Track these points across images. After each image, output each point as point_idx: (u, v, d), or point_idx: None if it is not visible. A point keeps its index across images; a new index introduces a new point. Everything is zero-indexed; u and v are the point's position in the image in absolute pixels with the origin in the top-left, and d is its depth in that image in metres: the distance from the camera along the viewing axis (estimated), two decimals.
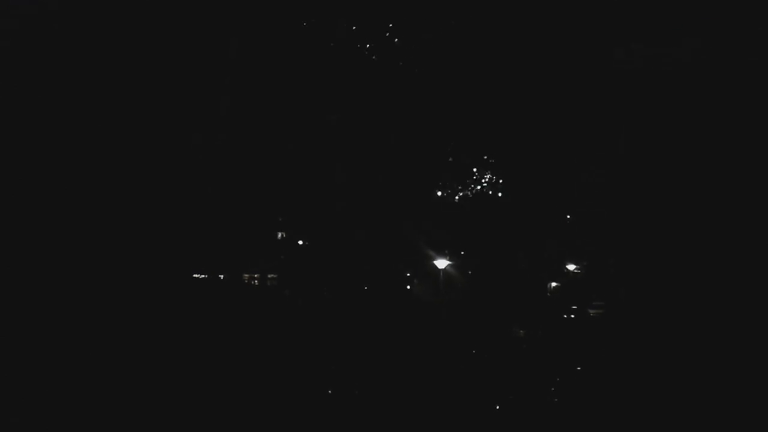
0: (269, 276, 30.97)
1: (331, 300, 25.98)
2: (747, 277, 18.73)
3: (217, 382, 14.78)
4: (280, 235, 31.74)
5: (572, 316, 29.17)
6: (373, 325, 24.05)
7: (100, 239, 19.25)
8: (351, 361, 17.65)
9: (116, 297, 18.45)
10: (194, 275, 26.14)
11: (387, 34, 25.75)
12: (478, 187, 30.57)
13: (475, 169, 30.76)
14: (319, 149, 27.52)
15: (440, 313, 26.19)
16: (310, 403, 15.07)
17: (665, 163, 21.88)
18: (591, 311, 29.01)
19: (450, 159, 29.94)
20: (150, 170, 21.39)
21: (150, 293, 20.27)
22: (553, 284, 35.59)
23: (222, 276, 27.30)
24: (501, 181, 30.55)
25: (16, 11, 17.93)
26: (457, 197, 30.90)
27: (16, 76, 17.86)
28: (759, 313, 17.07)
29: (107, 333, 16.37)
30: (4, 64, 17.59)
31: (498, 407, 14.03)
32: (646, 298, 23.90)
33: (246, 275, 30.22)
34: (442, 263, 26.61)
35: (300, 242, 31.15)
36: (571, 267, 34.96)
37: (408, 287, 31.04)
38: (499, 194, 30.68)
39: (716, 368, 15.95)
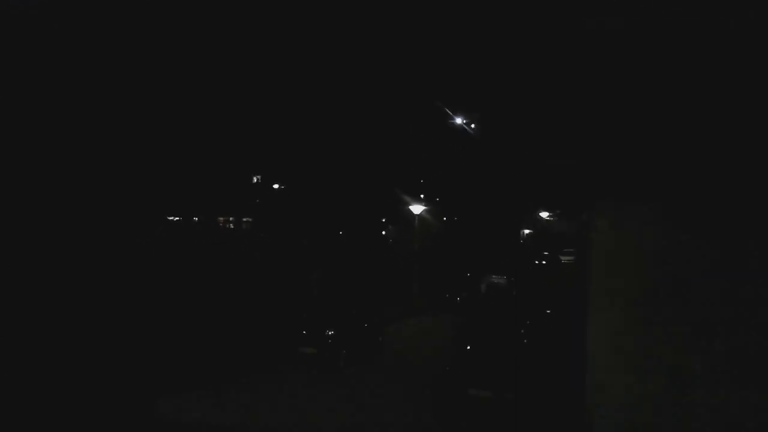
0: (244, 219, 30.94)
1: (308, 246, 26.00)
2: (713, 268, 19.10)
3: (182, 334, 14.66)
4: (255, 179, 31.58)
5: (543, 262, 29.72)
6: (347, 271, 24.22)
7: (68, 179, 19.05)
8: (326, 309, 17.73)
9: (88, 239, 18.29)
10: (168, 217, 26.00)
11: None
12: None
13: None
14: (295, 99, 27.15)
15: (414, 260, 26.42)
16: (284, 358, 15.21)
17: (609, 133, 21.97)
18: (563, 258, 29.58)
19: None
20: (124, 114, 21.28)
21: (122, 234, 20.11)
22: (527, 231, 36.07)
23: (196, 218, 27.21)
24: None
25: (16, 11, 17.63)
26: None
27: (16, 76, 17.69)
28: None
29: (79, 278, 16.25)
30: (4, 64, 17.35)
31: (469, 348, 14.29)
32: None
33: (221, 218, 30.16)
34: (417, 208, 26.71)
35: (275, 186, 31.05)
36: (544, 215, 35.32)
37: (383, 233, 31.20)
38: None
39: None
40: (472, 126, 29.90)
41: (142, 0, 20.31)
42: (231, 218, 30.95)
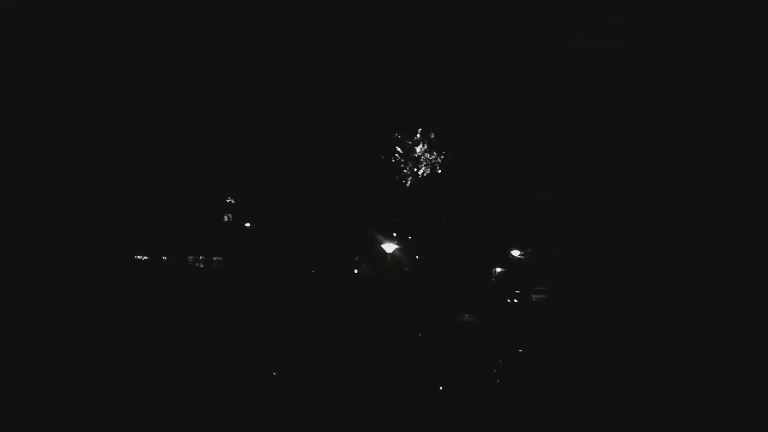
0: (215, 258, 30.58)
1: (278, 283, 25.81)
2: (689, 263, 19.41)
3: (161, 365, 14.56)
4: (226, 217, 31.35)
5: (515, 300, 29.79)
6: (320, 308, 24.03)
7: (38, 220, 18.79)
8: (298, 343, 17.62)
9: (55, 276, 17.97)
10: (136, 256, 25.61)
11: None
12: (428, 171, 30.72)
13: (423, 149, 30.85)
14: (266, 131, 27.23)
15: (387, 297, 26.32)
16: (258, 386, 15.00)
17: (615, 154, 22.38)
18: (534, 296, 29.70)
19: (397, 136, 29.91)
20: (94, 151, 21.19)
21: (90, 273, 19.78)
22: (498, 270, 36.26)
23: (165, 258, 26.84)
24: (446, 161, 30.69)
25: (16, 11, 17.69)
26: (405, 181, 31.02)
27: (16, 76, 17.65)
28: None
29: (47, 317, 15.93)
30: (4, 64, 17.33)
31: (441, 388, 14.23)
32: (586, 284, 24.60)
33: (191, 257, 29.78)
34: (389, 247, 26.71)
35: (247, 225, 30.84)
36: (515, 253, 35.66)
37: (356, 270, 31.10)
38: (440, 171, 30.76)
39: (653, 351, 16.55)
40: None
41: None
42: (201, 257, 30.59)
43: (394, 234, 29.47)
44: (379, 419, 12.72)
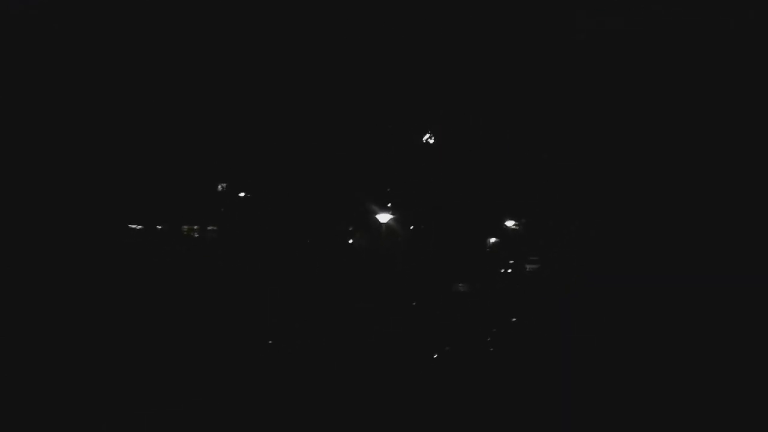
0: (209, 228, 30.52)
1: (273, 253, 25.83)
2: (679, 239, 19.54)
3: (153, 340, 14.57)
4: (220, 186, 31.21)
5: (509, 270, 29.98)
6: (314, 278, 24.10)
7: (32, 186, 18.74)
8: (291, 315, 17.70)
9: (51, 246, 17.94)
10: (130, 225, 25.54)
11: None
12: (423, 139, 30.63)
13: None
14: (262, 103, 27.05)
15: (381, 267, 26.43)
16: (252, 355, 15.10)
17: (615, 154, 22.35)
18: (528, 266, 29.90)
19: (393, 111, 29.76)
20: (90, 120, 21.14)
21: (84, 243, 19.75)
22: (492, 240, 36.38)
23: (159, 227, 26.77)
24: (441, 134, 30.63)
25: (16, 11, 17.47)
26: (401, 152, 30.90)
27: (16, 76, 17.53)
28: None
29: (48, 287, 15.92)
30: (4, 64, 17.19)
31: (435, 356, 14.39)
32: (580, 254, 24.77)
33: (185, 227, 29.71)
34: (384, 217, 26.73)
35: (241, 194, 30.73)
36: (509, 223, 35.75)
37: (350, 241, 31.13)
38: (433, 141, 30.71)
39: (642, 323, 16.72)
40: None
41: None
42: (196, 227, 30.52)
43: (389, 204, 29.46)
44: (374, 387, 12.88)
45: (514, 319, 19.03)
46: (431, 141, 30.53)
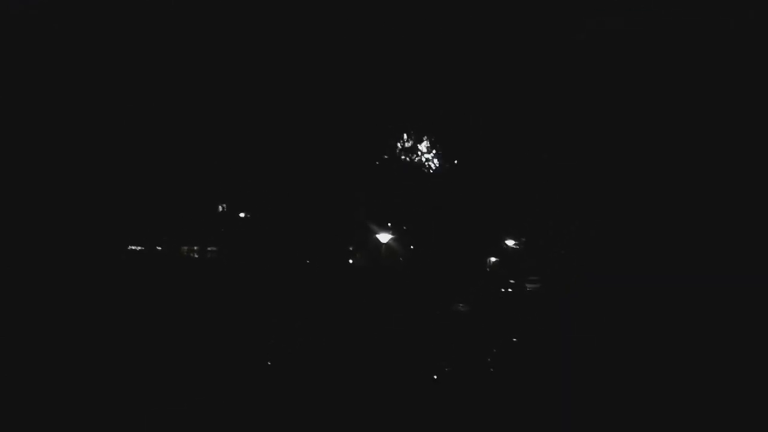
0: (209, 248, 30.53)
1: (272, 273, 25.79)
2: (681, 255, 19.46)
3: (156, 357, 14.54)
4: (220, 207, 31.26)
5: (510, 290, 29.86)
6: (313, 297, 24.02)
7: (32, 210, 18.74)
8: (292, 332, 17.63)
9: (50, 269, 17.91)
10: (130, 247, 25.54)
11: None
12: (422, 159, 30.67)
13: (417, 144, 30.83)
14: (259, 122, 27.15)
15: (381, 287, 26.33)
16: (250, 375, 14.98)
17: (615, 154, 22.34)
18: (528, 285, 29.77)
19: (390, 129, 29.86)
20: (88, 143, 21.21)
21: (85, 265, 19.73)
22: (493, 259, 36.31)
23: (159, 248, 26.77)
24: (441, 153, 30.72)
25: (16, 11, 17.62)
26: (401, 172, 30.96)
27: (16, 76, 17.63)
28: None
29: (44, 311, 15.87)
30: (4, 64, 17.30)
31: (435, 377, 14.24)
32: (579, 273, 24.69)
33: (185, 247, 29.72)
34: (384, 237, 26.71)
35: (241, 215, 30.77)
36: (510, 243, 35.71)
37: (350, 261, 31.09)
38: (434, 163, 30.76)
39: (646, 340, 16.62)
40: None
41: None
42: (195, 247, 30.52)
43: (389, 224, 29.45)
44: (372, 408, 12.73)
45: (514, 339, 18.88)
46: (430, 160, 30.60)
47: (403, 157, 30.89)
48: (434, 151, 30.16)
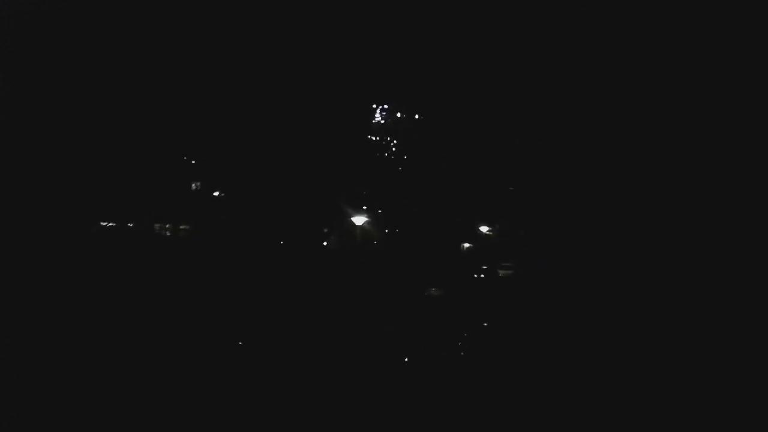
0: (181, 227, 30.24)
1: (247, 253, 25.69)
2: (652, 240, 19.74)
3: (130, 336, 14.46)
4: (194, 185, 30.95)
5: (482, 275, 30.15)
6: (287, 280, 24.01)
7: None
8: (264, 316, 17.64)
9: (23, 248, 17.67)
10: (102, 223, 25.24)
11: None
12: (399, 142, 30.66)
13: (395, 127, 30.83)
14: (236, 99, 26.90)
15: (355, 270, 26.41)
16: (224, 356, 15.00)
17: (585, 135, 22.50)
18: (500, 271, 30.09)
19: (374, 108, 29.79)
20: (68, 117, 20.91)
21: (55, 242, 19.47)
22: (466, 245, 36.58)
23: (131, 225, 26.48)
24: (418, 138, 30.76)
25: (16, 11, 17.15)
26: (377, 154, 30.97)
27: (16, 76, 17.22)
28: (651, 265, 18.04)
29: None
30: (4, 64, 16.86)
31: (406, 359, 14.42)
32: (551, 259, 25.02)
33: (157, 225, 29.41)
34: (359, 220, 26.76)
35: (216, 193, 30.52)
36: (483, 229, 35.98)
37: (324, 243, 31.07)
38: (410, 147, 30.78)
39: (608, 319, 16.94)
40: None
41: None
42: (168, 225, 30.22)
43: (364, 207, 29.48)
44: (345, 390, 12.87)
45: (485, 324, 19.16)
46: (406, 143, 30.60)
47: (379, 139, 30.89)
48: (411, 136, 30.21)
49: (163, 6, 21.79)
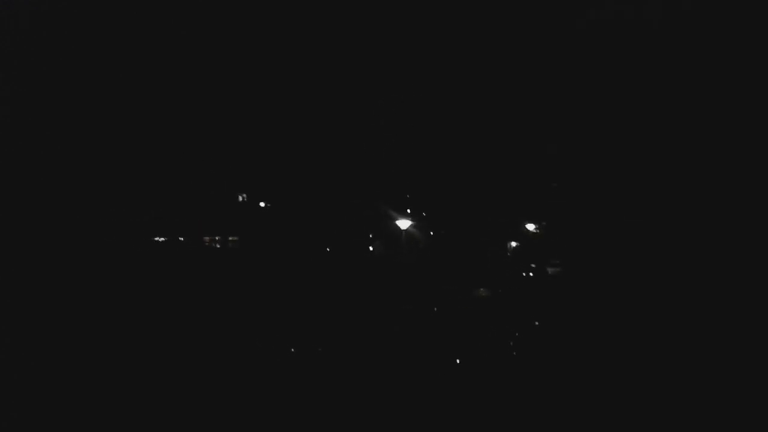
0: (230, 238, 30.75)
1: (293, 262, 25.97)
2: (696, 235, 19.29)
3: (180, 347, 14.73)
4: (240, 197, 31.46)
5: (531, 274, 29.81)
6: (335, 286, 24.16)
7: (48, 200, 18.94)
8: (313, 323, 17.77)
9: (72, 265, 18.12)
10: (155, 238, 25.83)
11: None
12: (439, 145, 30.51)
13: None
14: (275, 109, 27.20)
15: (402, 273, 26.42)
16: (273, 365, 15.17)
17: (629, 128, 22.10)
18: (549, 269, 29.69)
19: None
20: (108, 131, 21.33)
21: (110, 258, 19.99)
22: (513, 244, 36.21)
23: (182, 238, 27.03)
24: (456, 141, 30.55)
25: (17, 11, 17.79)
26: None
27: (16, 76, 17.81)
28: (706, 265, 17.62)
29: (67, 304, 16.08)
30: (4, 63, 17.47)
31: (458, 361, 14.35)
32: (600, 256, 24.58)
33: (207, 238, 29.97)
34: (404, 223, 26.77)
35: (262, 204, 30.94)
36: (530, 227, 35.56)
37: (370, 248, 31.17)
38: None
39: (668, 323, 16.56)
40: None
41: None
42: (217, 237, 30.78)
43: (408, 211, 29.47)
44: (396, 394, 12.87)
45: (536, 323, 18.92)
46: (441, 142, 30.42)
47: (418, 138, 30.82)
48: (451, 134, 30.01)
49: (173, 4, 21.95)
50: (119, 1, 20.69)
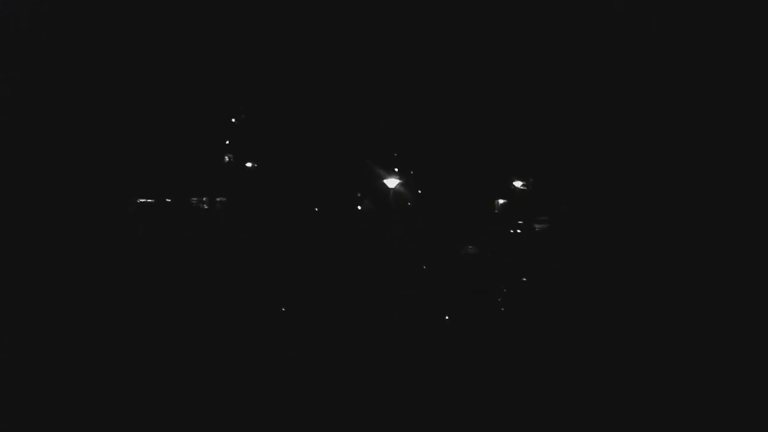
0: (217, 199, 30.64)
1: (282, 221, 25.96)
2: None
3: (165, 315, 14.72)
4: (227, 157, 31.23)
5: (518, 231, 29.98)
6: (321, 245, 24.21)
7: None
8: (302, 281, 17.85)
9: (56, 227, 18.00)
10: (140, 200, 25.68)
11: None
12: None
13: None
14: (263, 73, 26.83)
15: (390, 232, 26.50)
16: (262, 321, 15.27)
17: (628, 121, 21.93)
18: (536, 226, 29.87)
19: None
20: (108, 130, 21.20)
21: (92, 219, 19.87)
22: (500, 201, 36.34)
23: (169, 200, 26.90)
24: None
25: (17, 11, 17.27)
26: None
27: (16, 76, 17.40)
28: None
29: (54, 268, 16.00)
30: (4, 64, 17.04)
31: (447, 317, 14.51)
32: (588, 213, 24.72)
33: (194, 199, 29.84)
34: (392, 182, 26.75)
35: (248, 164, 30.74)
36: (517, 184, 35.63)
37: (358, 207, 31.18)
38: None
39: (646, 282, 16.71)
40: None
41: None
42: (204, 198, 30.64)
43: (396, 169, 29.40)
44: (383, 348, 13.01)
45: (524, 279, 19.13)
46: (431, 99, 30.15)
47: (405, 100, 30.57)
48: (443, 98, 29.78)
49: (175, 3, 21.72)
50: (119, 1, 20.42)
